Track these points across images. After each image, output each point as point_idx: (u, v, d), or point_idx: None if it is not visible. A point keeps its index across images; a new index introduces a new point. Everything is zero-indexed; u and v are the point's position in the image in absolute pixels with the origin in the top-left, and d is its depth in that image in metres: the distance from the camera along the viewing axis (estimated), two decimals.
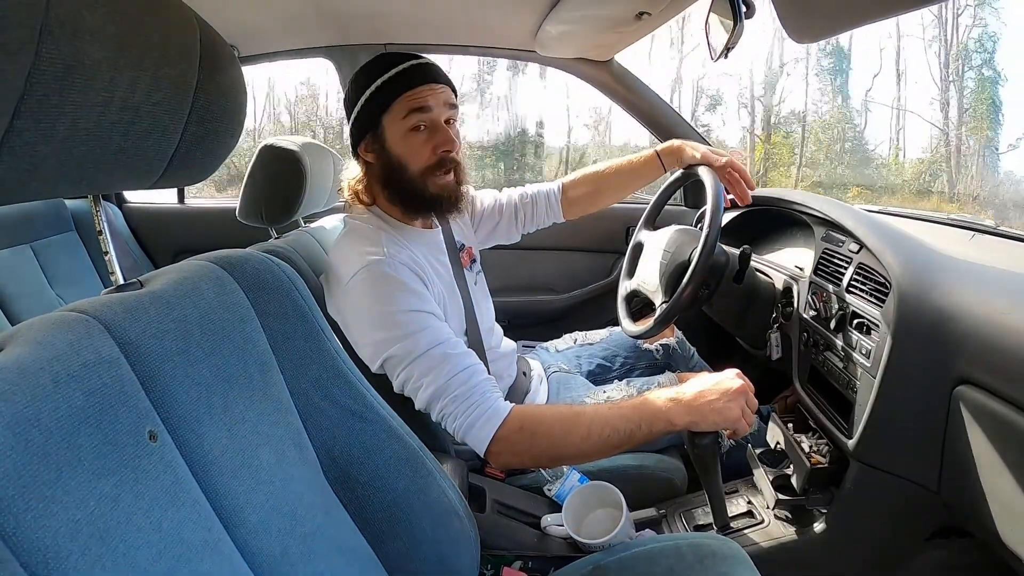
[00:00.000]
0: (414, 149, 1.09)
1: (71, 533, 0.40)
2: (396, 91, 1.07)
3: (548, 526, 1.06)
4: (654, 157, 1.40)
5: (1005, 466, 0.83)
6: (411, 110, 1.07)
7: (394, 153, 1.10)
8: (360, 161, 1.16)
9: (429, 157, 1.10)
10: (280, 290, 0.69)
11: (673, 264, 1.32)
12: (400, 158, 1.10)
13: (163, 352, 0.54)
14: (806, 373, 1.25)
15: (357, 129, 1.12)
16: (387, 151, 1.10)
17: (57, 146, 0.43)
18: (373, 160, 1.12)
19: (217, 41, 0.56)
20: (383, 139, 1.10)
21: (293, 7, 1.60)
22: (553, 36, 1.66)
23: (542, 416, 1.00)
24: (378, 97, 1.08)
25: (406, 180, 1.11)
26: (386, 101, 1.08)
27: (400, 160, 1.10)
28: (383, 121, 1.09)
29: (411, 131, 1.08)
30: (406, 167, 1.10)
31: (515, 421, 0.97)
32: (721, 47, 1.23)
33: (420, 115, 1.08)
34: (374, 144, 1.11)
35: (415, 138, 1.09)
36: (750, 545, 1.15)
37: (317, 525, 0.65)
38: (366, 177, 1.16)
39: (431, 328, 1.01)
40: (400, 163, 1.10)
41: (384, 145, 1.10)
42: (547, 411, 1.05)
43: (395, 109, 1.08)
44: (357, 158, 1.16)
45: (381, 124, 1.09)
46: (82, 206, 2.07)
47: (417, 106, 1.07)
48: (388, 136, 1.10)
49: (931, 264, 1.03)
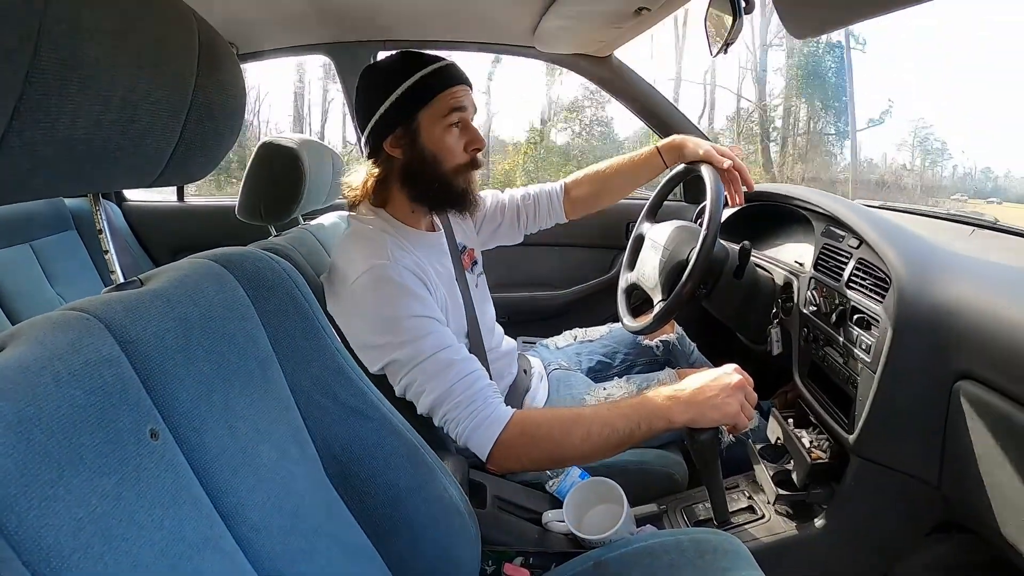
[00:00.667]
0: (450, 146, 1.10)
1: (73, 531, 0.40)
2: (437, 87, 1.08)
3: (549, 522, 1.06)
4: (655, 153, 1.39)
5: (1005, 461, 0.83)
6: (452, 108, 1.09)
7: (428, 148, 1.10)
8: (381, 156, 1.14)
9: (462, 155, 1.12)
10: (280, 288, 0.69)
11: (672, 263, 1.32)
12: (435, 153, 1.10)
13: (164, 350, 0.54)
14: (806, 368, 1.26)
15: (385, 123, 1.10)
16: (419, 146, 1.10)
17: (56, 145, 0.43)
18: (400, 155, 1.12)
19: (216, 39, 0.56)
20: (417, 133, 1.10)
21: (292, 4, 1.59)
22: (552, 32, 1.65)
23: (542, 420, 1.00)
24: (415, 92, 1.08)
25: (437, 176, 1.11)
26: (426, 96, 1.08)
27: (434, 155, 1.10)
28: (419, 116, 1.09)
29: (448, 128, 1.10)
30: (440, 163, 1.11)
31: (516, 427, 0.97)
32: (721, 42, 1.23)
33: (459, 113, 1.09)
34: (404, 138, 1.10)
35: (451, 135, 1.10)
36: (750, 540, 1.15)
37: (318, 522, 0.65)
38: (384, 173, 1.15)
39: (434, 334, 1.01)
40: (434, 158, 1.10)
41: (416, 139, 1.10)
42: (547, 414, 1.05)
43: (435, 105, 1.08)
44: (378, 154, 1.14)
45: (417, 119, 1.09)
46: (82, 205, 2.07)
47: (457, 104, 1.09)
48: (424, 131, 1.09)
49: (931, 259, 1.02)
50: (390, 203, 1.17)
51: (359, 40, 1.90)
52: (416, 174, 1.12)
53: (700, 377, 0.99)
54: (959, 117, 9.90)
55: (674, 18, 5.35)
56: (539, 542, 1.04)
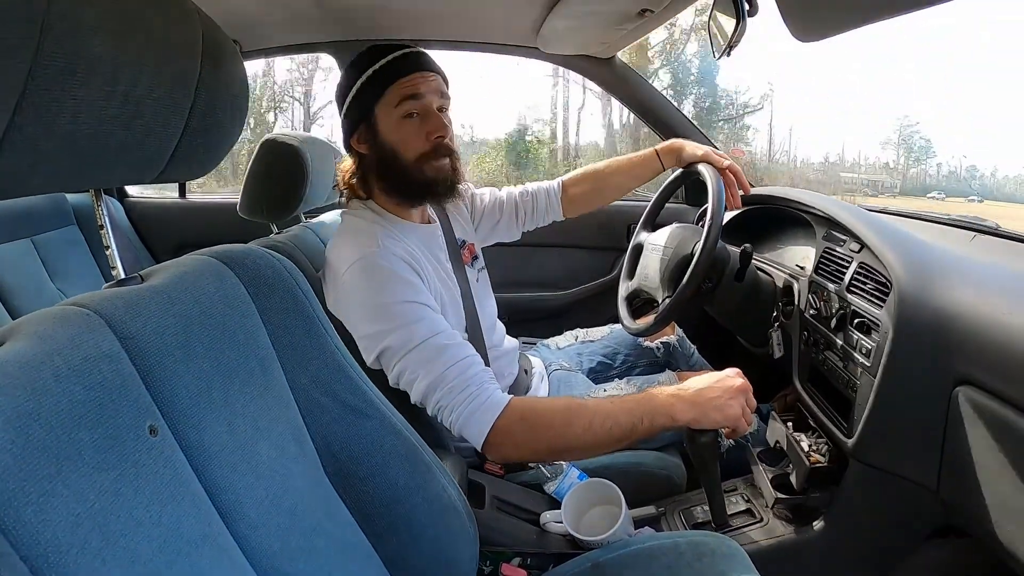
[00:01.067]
0: (407, 136, 1.10)
1: (71, 527, 0.41)
2: (388, 79, 1.08)
3: (547, 523, 1.06)
4: (653, 155, 1.40)
5: (1004, 466, 0.83)
6: (403, 98, 1.08)
7: (387, 142, 1.10)
8: (353, 153, 1.16)
9: (423, 144, 1.10)
10: (281, 285, 0.69)
11: (676, 259, 1.31)
12: (394, 146, 1.10)
13: (164, 347, 0.54)
14: (806, 372, 1.25)
15: (350, 121, 1.12)
16: (380, 140, 1.10)
17: (59, 141, 0.43)
18: (366, 151, 1.13)
19: (219, 36, 0.56)
20: (376, 129, 1.10)
21: (296, 2, 1.59)
22: (556, 33, 1.65)
23: (543, 407, 0.99)
24: (369, 87, 1.08)
25: (400, 168, 1.11)
26: (378, 90, 1.08)
27: (394, 148, 1.10)
28: (376, 110, 1.09)
29: (404, 119, 1.09)
30: (400, 155, 1.10)
31: (514, 412, 0.96)
32: (724, 45, 1.23)
33: (412, 103, 1.08)
34: (367, 134, 1.11)
35: (408, 125, 1.09)
36: (749, 543, 1.15)
37: (316, 520, 0.65)
38: (360, 169, 1.16)
39: (426, 319, 1.01)
40: (394, 151, 1.10)
41: (377, 134, 1.10)
42: (548, 402, 1.05)
43: (387, 97, 1.08)
44: (350, 151, 1.16)
45: (374, 114, 1.10)
46: (83, 200, 2.07)
47: (409, 93, 1.08)
48: (381, 125, 1.10)
49: (932, 264, 1.02)
50: (376, 195, 1.17)
51: (362, 39, 1.91)
52: (384, 168, 1.12)
53: (703, 379, 0.99)
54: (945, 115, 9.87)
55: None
56: (537, 543, 1.04)
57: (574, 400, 1.00)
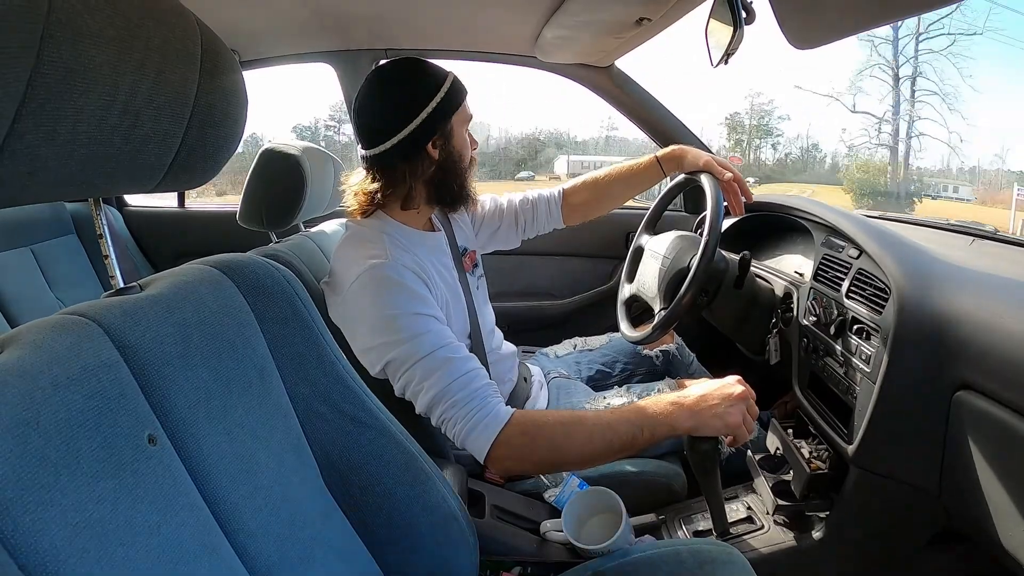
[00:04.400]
0: (467, 148, 1.20)
1: (69, 536, 0.40)
2: (461, 96, 1.16)
3: (547, 532, 1.06)
4: (654, 162, 1.40)
5: (1006, 471, 0.82)
6: (471, 114, 1.19)
7: (456, 150, 1.17)
8: (418, 158, 1.13)
9: (471, 156, 1.21)
10: (280, 294, 0.69)
11: (672, 271, 1.32)
12: (460, 153, 1.17)
13: (162, 356, 0.54)
14: (806, 379, 1.25)
15: (428, 127, 1.11)
16: (452, 147, 1.16)
17: (58, 149, 0.43)
18: (438, 155, 1.15)
19: (218, 45, 0.56)
20: (451, 136, 1.15)
21: (295, 12, 1.60)
22: (553, 42, 1.66)
23: (544, 420, 0.99)
24: (450, 100, 1.13)
25: (461, 174, 1.19)
26: (456, 102, 1.15)
27: (460, 155, 1.18)
28: (452, 120, 1.15)
29: (466, 131, 1.19)
30: (463, 162, 1.18)
31: (516, 426, 0.96)
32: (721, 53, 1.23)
33: (469, 120, 1.19)
34: (441, 140, 1.15)
35: (467, 137, 1.20)
36: (750, 551, 1.15)
37: (316, 530, 0.65)
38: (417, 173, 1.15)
39: (433, 332, 1.01)
40: (460, 158, 1.18)
41: (450, 141, 1.16)
42: (549, 416, 1.05)
43: (464, 110, 1.16)
44: (416, 156, 1.13)
45: (451, 123, 1.14)
46: (82, 209, 2.08)
47: (470, 114, 1.19)
48: (455, 134, 1.16)
49: (930, 270, 1.03)
50: (389, 205, 1.17)
51: (361, 49, 1.92)
52: (447, 174, 1.17)
53: (704, 386, 0.99)
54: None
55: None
56: (537, 552, 1.03)
57: (574, 413, 1.01)
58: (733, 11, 1.14)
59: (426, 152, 1.13)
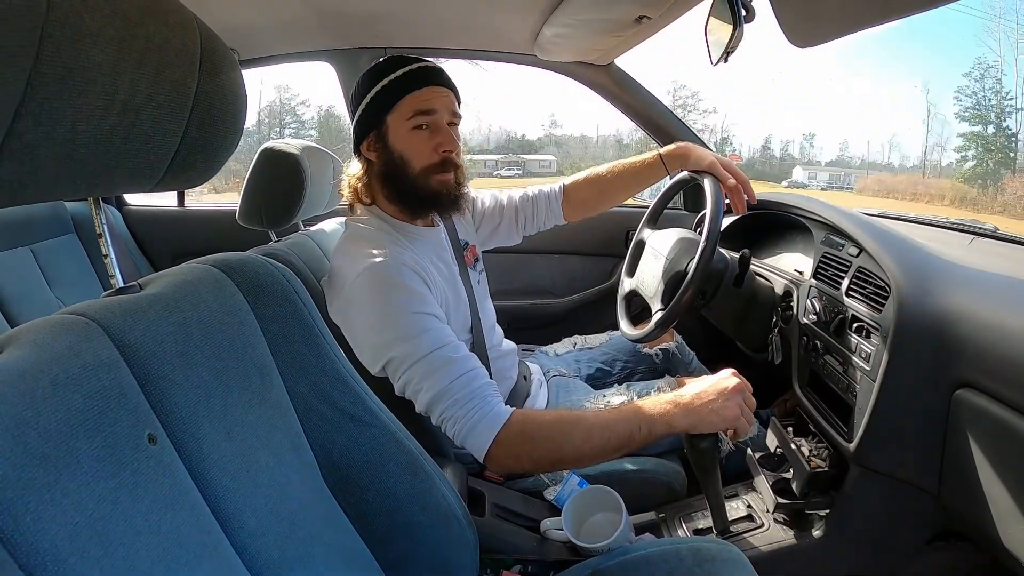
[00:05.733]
0: (416, 148, 1.11)
1: (69, 535, 0.40)
2: (402, 91, 1.10)
3: (547, 530, 1.06)
4: (657, 159, 1.39)
5: (1006, 470, 0.82)
6: (416, 111, 1.10)
7: (396, 151, 1.12)
8: (362, 159, 1.17)
9: (431, 156, 1.12)
10: (279, 293, 0.69)
11: (670, 273, 1.32)
12: (402, 156, 1.11)
13: (162, 355, 0.54)
14: (806, 377, 1.25)
15: (361, 127, 1.14)
16: (389, 149, 1.12)
17: (57, 149, 0.43)
18: (375, 158, 1.14)
19: (217, 44, 0.56)
20: (386, 137, 1.12)
21: (294, 11, 1.60)
22: (553, 40, 1.66)
23: (542, 419, 1.00)
24: (384, 96, 1.10)
25: (407, 178, 1.12)
26: (391, 100, 1.10)
27: (402, 158, 1.11)
28: (387, 120, 1.11)
29: (414, 130, 1.11)
30: (408, 165, 1.12)
31: (515, 425, 0.97)
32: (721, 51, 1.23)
33: (424, 117, 1.10)
34: (377, 142, 1.13)
35: (418, 136, 1.11)
36: (750, 549, 1.14)
37: (316, 529, 0.65)
38: (367, 175, 1.17)
39: (433, 331, 1.01)
40: (402, 160, 1.11)
41: (387, 143, 1.12)
42: (548, 415, 1.05)
43: (400, 108, 1.10)
44: (359, 156, 1.17)
45: (385, 123, 1.11)
46: (82, 208, 2.07)
47: (423, 108, 1.10)
48: (391, 134, 1.11)
49: (930, 268, 1.03)
50: (379, 202, 1.18)
51: (360, 47, 1.91)
52: (390, 176, 1.14)
53: (699, 383, 0.99)
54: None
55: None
56: (537, 550, 1.03)
57: (573, 411, 1.02)
58: (733, 9, 1.14)
59: (362, 153, 1.14)
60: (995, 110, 21.35)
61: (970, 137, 22.33)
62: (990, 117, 21.64)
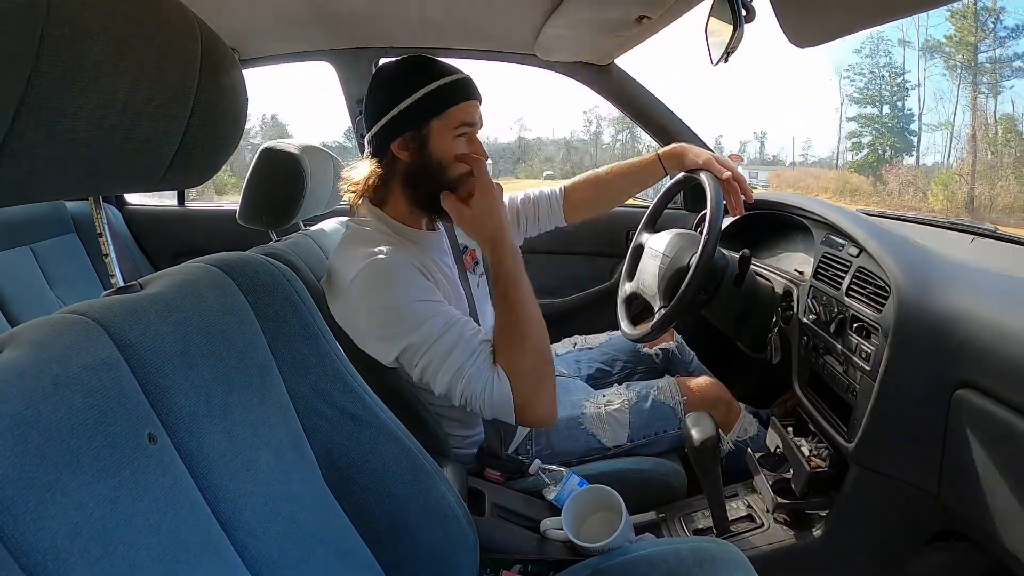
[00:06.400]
0: (455, 156, 1.12)
1: (70, 535, 0.40)
2: (453, 99, 1.10)
3: (547, 530, 1.06)
4: (655, 160, 1.40)
5: (1005, 470, 0.82)
6: (463, 122, 1.11)
7: (435, 156, 1.11)
8: (386, 157, 1.14)
9: (465, 166, 1.13)
10: (279, 293, 0.69)
11: (672, 269, 1.32)
12: (441, 162, 1.12)
13: (162, 354, 0.54)
14: (806, 377, 1.25)
15: (396, 125, 1.11)
16: (427, 152, 1.11)
17: (58, 148, 0.43)
18: (407, 157, 1.12)
19: (218, 44, 0.56)
20: (426, 140, 1.11)
21: (294, 10, 1.60)
22: (553, 40, 1.66)
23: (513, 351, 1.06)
24: (432, 100, 1.10)
25: (441, 183, 1.12)
26: (441, 106, 1.10)
27: (440, 163, 1.12)
28: (432, 124, 1.10)
29: (456, 139, 1.12)
30: (445, 171, 1.12)
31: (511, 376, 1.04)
32: (721, 51, 1.23)
33: (467, 128, 1.12)
34: (413, 143, 1.11)
35: (458, 146, 1.12)
36: (750, 549, 1.15)
37: (316, 528, 0.65)
38: (387, 173, 1.15)
39: (440, 314, 1.03)
40: (439, 166, 1.12)
41: (425, 146, 1.11)
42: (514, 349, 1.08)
43: (449, 115, 1.10)
44: (383, 154, 1.14)
45: (429, 126, 1.11)
46: (82, 208, 2.08)
47: (469, 120, 1.12)
48: (434, 139, 1.11)
49: (931, 268, 1.03)
50: (389, 203, 1.17)
51: (360, 47, 1.91)
52: (419, 178, 1.13)
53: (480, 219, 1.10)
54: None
55: None
56: (537, 550, 1.03)
57: (516, 329, 1.07)
58: (733, 9, 1.14)
59: (391, 151, 1.12)
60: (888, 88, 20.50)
61: (863, 120, 21.97)
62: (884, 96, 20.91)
